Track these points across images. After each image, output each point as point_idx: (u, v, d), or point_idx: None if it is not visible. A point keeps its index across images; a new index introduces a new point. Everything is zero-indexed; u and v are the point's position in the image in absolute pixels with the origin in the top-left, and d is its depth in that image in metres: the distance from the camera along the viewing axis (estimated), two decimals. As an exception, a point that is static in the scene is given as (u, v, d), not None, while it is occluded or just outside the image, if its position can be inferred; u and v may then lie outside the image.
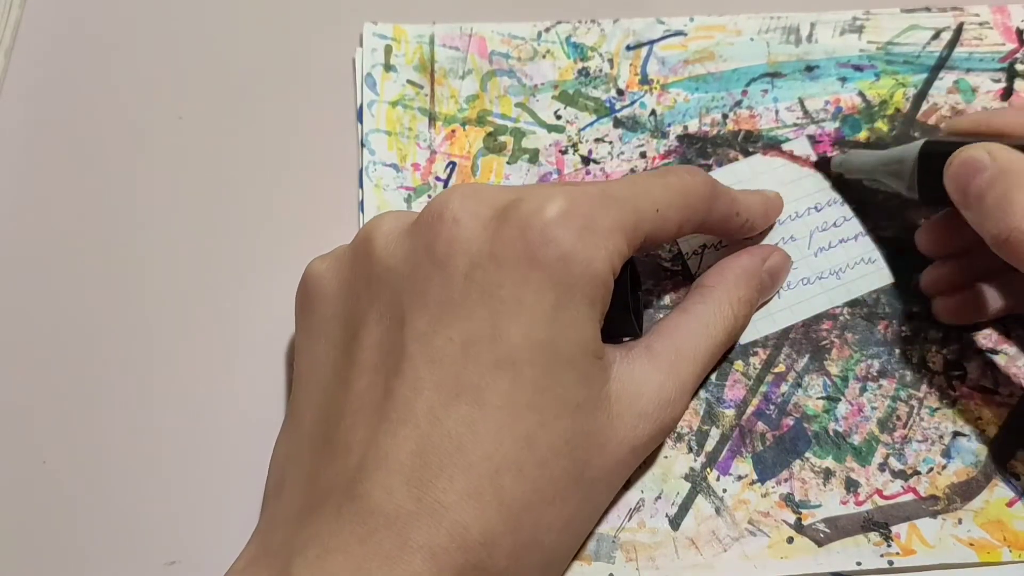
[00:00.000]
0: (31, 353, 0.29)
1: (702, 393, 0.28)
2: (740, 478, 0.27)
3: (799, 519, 0.26)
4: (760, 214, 0.29)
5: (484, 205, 0.23)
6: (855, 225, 0.31)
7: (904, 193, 0.29)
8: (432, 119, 0.33)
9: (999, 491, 0.27)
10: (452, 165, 0.32)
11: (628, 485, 0.27)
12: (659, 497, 0.27)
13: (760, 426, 0.28)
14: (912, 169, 0.28)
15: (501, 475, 0.21)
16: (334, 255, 0.25)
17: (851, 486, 0.27)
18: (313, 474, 0.22)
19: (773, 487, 0.27)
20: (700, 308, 0.27)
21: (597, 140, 0.32)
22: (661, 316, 0.29)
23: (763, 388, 0.28)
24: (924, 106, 0.33)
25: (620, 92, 0.33)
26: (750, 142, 0.32)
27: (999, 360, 0.29)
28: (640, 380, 0.24)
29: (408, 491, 0.20)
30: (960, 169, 0.25)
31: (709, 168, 0.32)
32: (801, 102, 0.33)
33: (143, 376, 0.29)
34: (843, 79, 0.33)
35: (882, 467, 0.27)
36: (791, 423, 0.28)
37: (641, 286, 0.29)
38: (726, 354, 0.28)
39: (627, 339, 0.26)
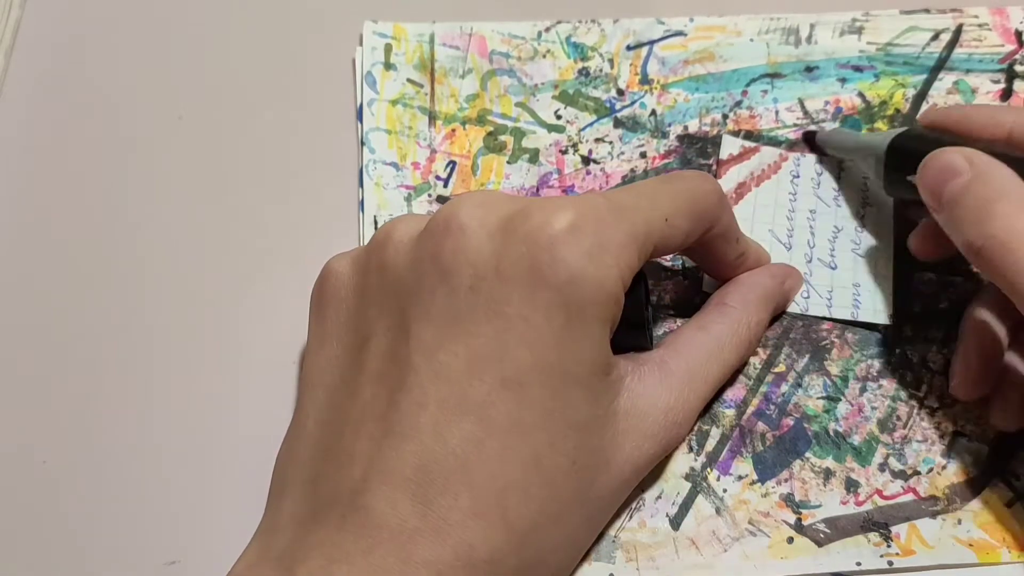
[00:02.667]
0: (31, 353, 0.29)
1: (702, 393, 0.28)
2: (740, 478, 0.27)
3: (799, 519, 0.26)
4: (754, 255, 0.28)
5: (492, 214, 0.22)
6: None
7: (873, 179, 0.29)
8: (432, 118, 0.33)
9: (999, 491, 0.27)
10: (452, 164, 0.32)
11: (628, 485, 0.27)
12: (659, 497, 0.27)
13: (760, 426, 0.28)
14: (881, 159, 0.28)
15: (507, 495, 0.21)
16: (352, 255, 0.25)
17: (851, 486, 0.27)
18: (315, 480, 0.22)
19: (773, 487, 0.27)
20: (718, 328, 0.26)
21: (597, 140, 0.32)
22: (663, 317, 0.29)
23: (763, 388, 0.28)
24: (924, 107, 0.33)
25: (620, 92, 0.33)
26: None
27: (999, 360, 0.29)
28: (649, 399, 0.24)
29: (412, 506, 0.20)
30: (935, 173, 0.25)
31: (710, 168, 0.32)
32: (801, 102, 0.33)
33: (143, 376, 0.29)
34: (843, 80, 0.33)
35: (882, 467, 0.27)
36: (791, 423, 0.28)
37: (652, 299, 0.29)
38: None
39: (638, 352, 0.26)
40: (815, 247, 0.30)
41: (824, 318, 0.29)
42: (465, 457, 0.21)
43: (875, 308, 0.29)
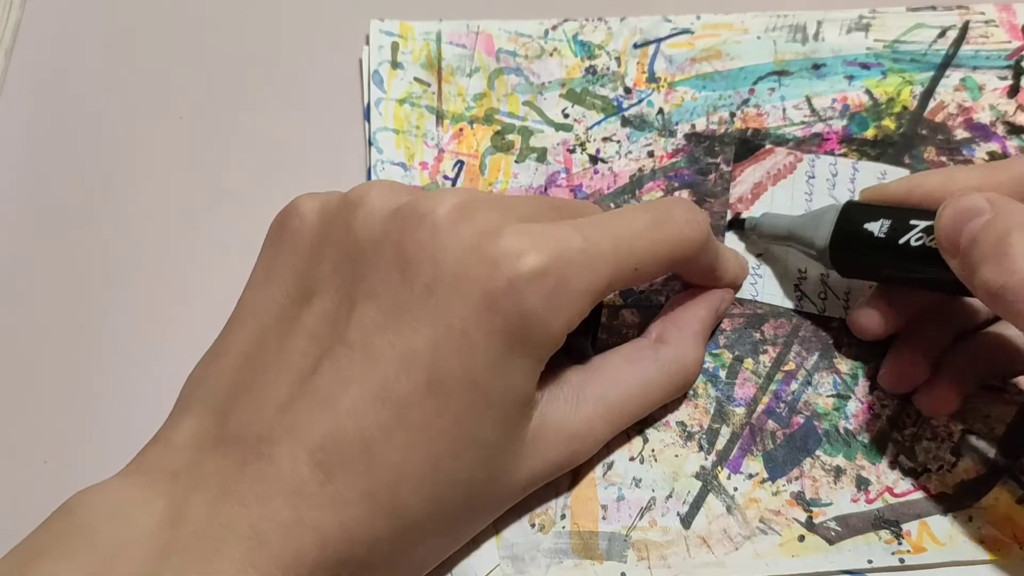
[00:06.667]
0: (31, 352, 0.29)
1: (712, 391, 0.28)
2: (751, 476, 0.27)
3: (810, 517, 0.26)
4: (732, 278, 0.29)
5: (469, 224, 0.22)
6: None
7: (816, 259, 0.28)
8: (440, 117, 0.33)
9: (1009, 488, 0.27)
10: (460, 164, 0.32)
11: (639, 484, 0.27)
12: (670, 496, 0.26)
13: (770, 424, 0.28)
14: (828, 233, 0.27)
15: (400, 487, 0.21)
16: (322, 200, 0.25)
17: (862, 484, 0.27)
18: (225, 411, 0.22)
19: (784, 485, 0.27)
20: (646, 366, 0.26)
21: (605, 139, 0.32)
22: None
23: (773, 386, 0.28)
24: (931, 104, 0.33)
25: (628, 90, 0.33)
26: (758, 140, 0.32)
27: (1007, 358, 0.29)
28: (557, 427, 0.24)
29: (313, 472, 0.21)
30: (954, 215, 0.24)
31: (717, 167, 0.32)
32: (808, 100, 0.33)
33: (143, 376, 0.29)
34: (850, 77, 0.33)
35: (892, 465, 0.27)
36: (801, 421, 0.28)
37: (603, 308, 0.29)
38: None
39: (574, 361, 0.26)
40: None
41: (842, 319, 0.29)
42: (372, 442, 0.21)
43: None
